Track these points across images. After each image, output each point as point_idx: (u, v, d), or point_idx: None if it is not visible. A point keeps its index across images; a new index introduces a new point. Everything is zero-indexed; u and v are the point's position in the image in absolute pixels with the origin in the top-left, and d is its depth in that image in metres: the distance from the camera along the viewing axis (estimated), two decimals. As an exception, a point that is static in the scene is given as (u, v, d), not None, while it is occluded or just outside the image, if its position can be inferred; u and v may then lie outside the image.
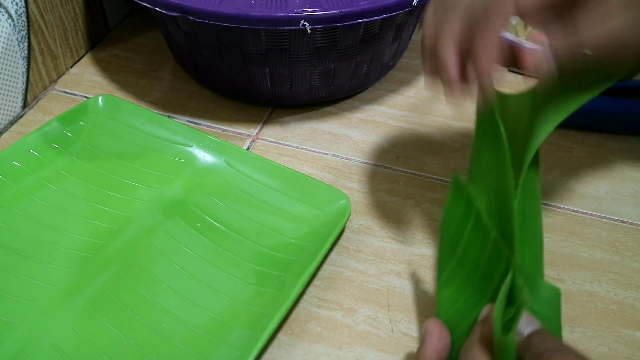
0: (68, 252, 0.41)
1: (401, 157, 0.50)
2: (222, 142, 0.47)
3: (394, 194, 0.47)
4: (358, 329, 0.38)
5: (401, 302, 0.39)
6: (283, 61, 0.48)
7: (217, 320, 0.37)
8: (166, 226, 0.43)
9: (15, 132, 0.51)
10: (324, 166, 0.49)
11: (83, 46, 0.60)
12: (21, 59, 0.52)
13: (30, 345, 0.36)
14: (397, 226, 0.44)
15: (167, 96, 0.55)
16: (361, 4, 0.43)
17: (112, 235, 0.42)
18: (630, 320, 0.39)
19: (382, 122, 0.53)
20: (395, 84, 0.57)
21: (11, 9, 0.50)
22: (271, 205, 0.44)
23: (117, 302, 0.38)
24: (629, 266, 0.42)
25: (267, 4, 0.43)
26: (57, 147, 0.47)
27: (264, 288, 0.39)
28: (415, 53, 0.60)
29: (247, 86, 0.52)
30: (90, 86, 0.56)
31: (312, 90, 0.51)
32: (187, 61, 0.54)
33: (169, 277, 0.40)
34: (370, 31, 0.47)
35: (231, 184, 0.46)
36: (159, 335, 0.37)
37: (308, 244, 0.41)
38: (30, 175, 0.45)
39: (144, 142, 0.49)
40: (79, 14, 0.58)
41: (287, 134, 0.52)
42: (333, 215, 0.42)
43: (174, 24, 0.49)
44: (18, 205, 0.43)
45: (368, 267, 0.41)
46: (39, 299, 0.38)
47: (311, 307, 0.39)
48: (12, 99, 0.52)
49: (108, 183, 0.46)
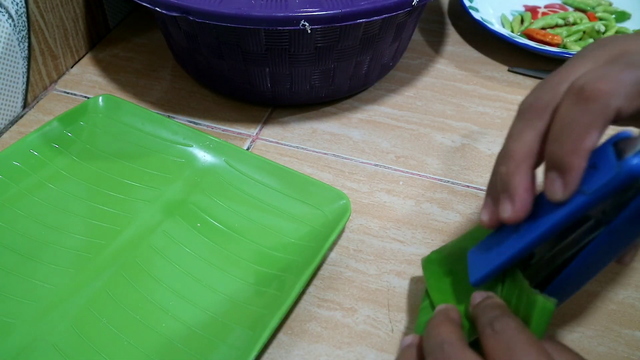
0: (68, 252, 0.41)
1: (401, 157, 0.50)
2: (222, 142, 0.47)
3: (394, 194, 0.47)
4: (358, 329, 0.38)
5: (401, 302, 0.39)
6: (283, 61, 0.48)
7: (217, 320, 0.37)
8: (166, 226, 0.43)
9: (16, 132, 0.51)
10: (324, 166, 0.49)
11: (83, 46, 0.60)
12: (21, 59, 0.52)
13: (30, 345, 0.36)
14: (397, 226, 0.44)
15: (167, 96, 0.55)
16: (361, 4, 0.43)
17: (112, 235, 0.42)
18: (630, 320, 0.39)
19: (382, 122, 0.53)
20: (395, 84, 0.57)
21: (11, 9, 0.50)
22: (271, 205, 0.44)
23: (117, 302, 0.38)
24: (629, 266, 0.42)
25: (267, 4, 0.43)
26: (57, 147, 0.47)
27: (264, 288, 0.39)
28: (415, 53, 0.61)
29: (247, 86, 0.52)
30: (90, 86, 0.56)
31: (312, 90, 0.51)
32: (187, 61, 0.54)
33: (168, 277, 0.40)
34: (370, 31, 0.47)
35: (231, 184, 0.46)
36: (159, 335, 0.37)
37: (308, 244, 0.41)
38: (30, 175, 0.45)
39: (144, 142, 0.49)
40: (79, 14, 0.58)
41: (287, 134, 0.52)
42: (333, 215, 0.42)
43: (174, 24, 0.49)
44: (18, 205, 0.43)
45: (368, 267, 0.41)
46: (39, 299, 0.38)
47: (311, 307, 0.39)
48: (13, 99, 0.52)
49: (108, 183, 0.46)
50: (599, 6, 0.65)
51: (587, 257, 0.28)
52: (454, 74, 0.58)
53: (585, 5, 0.65)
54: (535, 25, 0.63)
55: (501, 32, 0.58)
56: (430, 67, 0.59)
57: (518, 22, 0.64)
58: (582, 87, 0.27)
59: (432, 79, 0.58)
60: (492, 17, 0.63)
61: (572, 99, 0.28)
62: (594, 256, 0.28)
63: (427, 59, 0.60)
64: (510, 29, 0.63)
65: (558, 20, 0.63)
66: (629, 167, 0.25)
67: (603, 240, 0.27)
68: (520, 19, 0.64)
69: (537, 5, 0.67)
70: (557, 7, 0.67)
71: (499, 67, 0.59)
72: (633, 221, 0.26)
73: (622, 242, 0.27)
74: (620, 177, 0.25)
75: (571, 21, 0.63)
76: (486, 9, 0.64)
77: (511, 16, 0.65)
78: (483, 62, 0.60)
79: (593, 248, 0.28)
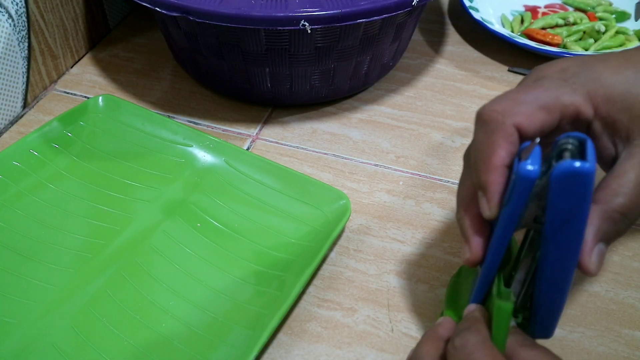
0: (68, 252, 0.41)
1: (401, 157, 0.50)
2: (222, 142, 0.47)
3: (394, 194, 0.47)
4: (358, 329, 0.38)
5: (401, 302, 0.39)
6: (283, 61, 0.48)
7: (217, 320, 0.37)
8: (166, 226, 0.43)
9: (16, 132, 0.51)
10: (324, 166, 0.49)
11: (83, 46, 0.60)
12: (21, 59, 0.52)
13: (30, 345, 0.36)
14: (397, 226, 0.44)
15: (167, 96, 0.55)
16: (361, 4, 0.43)
17: (112, 235, 0.42)
18: (630, 320, 0.39)
19: (382, 122, 0.53)
20: (395, 84, 0.57)
21: (11, 9, 0.50)
22: (271, 205, 0.44)
23: (117, 302, 0.38)
24: (629, 266, 0.42)
25: (267, 4, 0.43)
26: (57, 147, 0.47)
27: (264, 288, 0.39)
28: (416, 53, 0.60)
29: (247, 86, 0.52)
30: (90, 86, 0.56)
31: (312, 90, 0.51)
32: (187, 61, 0.54)
33: (168, 277, 0.40)
34: (370, 31, 0.47)
35: (231, 184, 0.46)
36: (159, 335, 0.37)
37: (308, 244, 0.41)
38: (30, 175, 0.45)
39: (144, 142, 0.48)
40: (79, 14, 0.58)
41: (287, 134, 0.52)
42: (333, 215, 0.42)
43: (174, 24, 0.49)
44: (18, 205, 0.43)
45: (368, 267, 0.41)
46: (39, 299, 0.38)
47: (311, 307, 0.39)
48: (12, 99, 0.52)
49: (108, 183, 0.46)
50: (599, 6, 0.65)
51: (543, 272, 0.28)
52: (454, 74, 0.58)
53: (586, 5, 0.65)
54: (535, 25, 0.63)
55: (501, 32, 0.58)
56: (430, 67, 0.59)
57: (518, 22, 0.64)
58: (480, 112, 0.30)
59: (432, 79, 0.58)
60: (492, 17, 0.63)
61: (476, 125, 0.30)
62: (548, 269, 0.28)
63: (427, 59, 0.60)
64: (510, 29, 0.63)
65: (558, 20, 0.63)
66: (518, 173, 0.26)
67: (545, 250, 0.28)
68: (520, 19, 0.64)
69: (537, 5, 0.67)
70: (557, 7, 0.67)
71: (499, 67, 0.59)
72: (556, 226, 0.27)
73: (561, 249, 0.27)
74: (514, 183, 0.27)
75: (571, 21, 0.63)
76: (486, 9, 0.64)
77: (511, 16, 0.65)
78: (483, 62, 0.60)
79: (541, 261, 0.28)
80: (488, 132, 0.29)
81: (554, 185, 0.26)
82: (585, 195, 0.26)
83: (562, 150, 0.27)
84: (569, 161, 0.25)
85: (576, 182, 0.25)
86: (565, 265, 0.28)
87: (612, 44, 0.60)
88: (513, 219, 0.28)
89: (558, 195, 0.26)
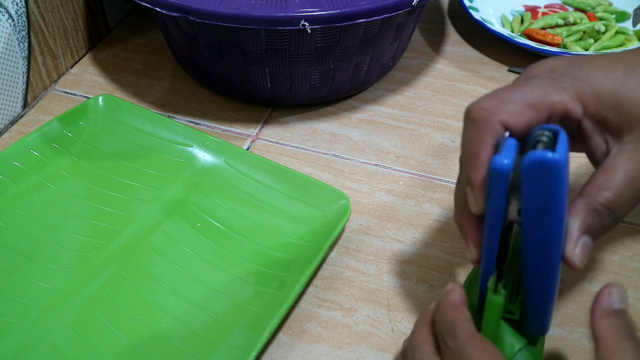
0: (68, 252, 0.41)
1: (401, 157, 0.50)
2: (222, 142, 0.47)
3: (393, 194, 0.47)
4: (358, 329, 0.38)
5: (401, 302, 0.39)
6: (283, 61, 0.48)
7: (217, 320, 0.37)
8: (166, 226, 0.43)
9: (16, 132, 0.51)
10: (324, 166, 0.49)
11: (83, 46, 0.60)
12: (21, 59, 0.52)
13: (30, 345, 0.36)
14: (397, 226, 0.44)
15: (167, 96, 0.55)
16: (361, 4, 0.43)
17: (112, 235, 0.42)
18: (630, 320, 0.39)
19: (382, 122, 0.53)
20: (395, 84, 0.57)
21: (11, 9, 0.50)
22: (271, 205, 0.44)
23: (117, 302, 0.38)
24: (629, 266, 0.42)
25: (267, 4, 0.43)
26: (57, 147, 0.47)
27: (264, 288, 0.39)
28: (415, 53, 0.60)
29: (247, 86, 0.52)
30: (90, 86, 0.56)
31: (312, 90, 0.51)
32: (187, 61, 0.54)
33: (168, 277, 0.40)
34: (370, 31, 0.47)
35: (231, 184, 0.46)
36: (159, 335, 0.37)
37: (308, 244, 0.41)
38: (30, 175, 0.45)
39: (144, 142, 0.49)
40: (79, 14, 0.58)
41: (287, 134, 0.52)
42: (333, 215, 0.42)
43: (174, 24, 0.49)
44: (18, 205, 0.43)
45: (368, 267, 0.41)
46: (39, 299, 0.38)
47: (311, 307, 0.39)
48: (12, 99, 0.52)
49: (108, 183, 0.46)
50: (599, 6, 0.65)
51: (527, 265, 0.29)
52: (454, 74, 0.58)
53: (585, 5, 0.65)
54: (535, 25, 0.63)
55: (501, 32, 0.58)
56: (430, 67, 0.59)
57: (518, 22, 0.64)
58: (468, 110, 0.30)
59: (432, 79, 0.58)
60: (492, 17, 0.63)
61: (464, 123, 0.30)
62: (530, 262, 0.28)
63: (427, 59, 0.60)
64: (510, 29, 0.63)
65: (558, 20, 0.63)
66: (491, 166, 0.27)
67: (525, 243, 0.28)
68: (520, 19, 0.64)
69: (537, 5, 0.67)
70: (557, 7, 0.67)
71: (499, 67, 0.59)
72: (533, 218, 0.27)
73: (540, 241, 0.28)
74: (490, 177, 0.27)
75: (571, 21, 0.63)
76: (486, 9, 0.64)
77: (511, 16, 0.65)
78: (483, 62, 0.60)
79: (524, 254, 0.29)
80: (475, 130, 0.29)
81: (525, 176, 0.26)
82: (556, 185, 0.26)
83: (537, 142, 0.27)
84: (538, 151, 0.26)
85: (546, 172, 0.26)
86: (546, 258, 0.28)
87: (612, 44, 0.60)
88: (495, 212, 0.28)
89: (530, 186, 0.26)
